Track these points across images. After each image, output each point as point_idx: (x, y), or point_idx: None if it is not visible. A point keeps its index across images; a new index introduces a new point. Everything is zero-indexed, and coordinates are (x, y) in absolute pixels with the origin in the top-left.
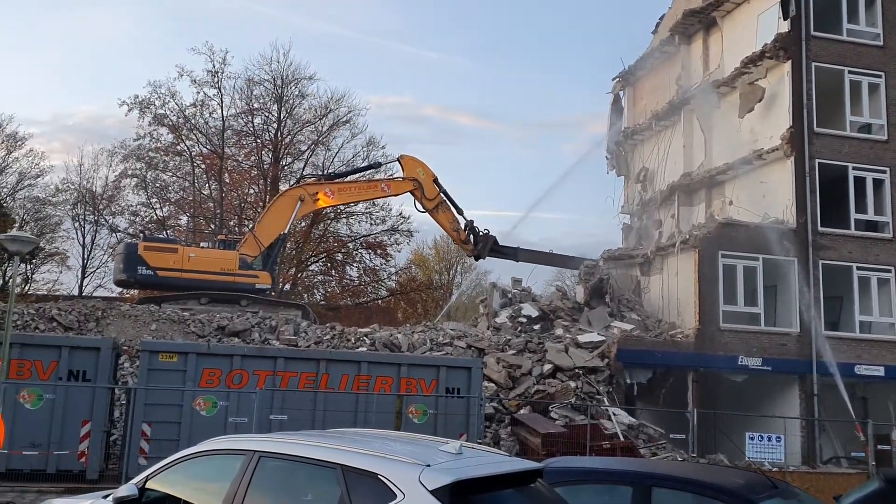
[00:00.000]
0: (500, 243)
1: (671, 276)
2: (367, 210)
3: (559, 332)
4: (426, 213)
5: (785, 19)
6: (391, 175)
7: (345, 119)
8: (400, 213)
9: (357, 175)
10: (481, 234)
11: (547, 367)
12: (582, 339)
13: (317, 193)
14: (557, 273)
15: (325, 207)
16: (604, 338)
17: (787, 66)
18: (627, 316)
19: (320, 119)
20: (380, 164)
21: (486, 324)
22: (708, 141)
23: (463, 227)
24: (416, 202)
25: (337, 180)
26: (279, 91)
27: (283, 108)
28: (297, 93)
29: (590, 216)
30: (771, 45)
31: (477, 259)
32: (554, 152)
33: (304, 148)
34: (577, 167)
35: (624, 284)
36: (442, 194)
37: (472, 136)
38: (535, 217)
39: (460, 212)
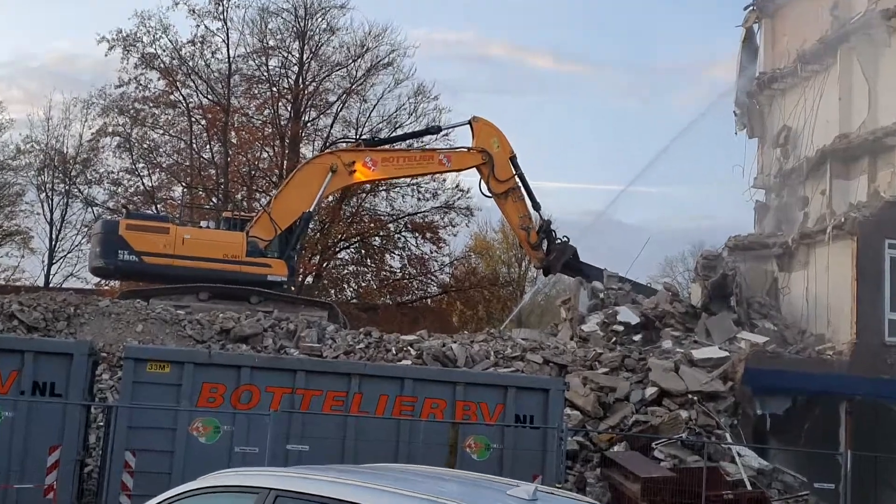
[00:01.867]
0: (581, 259)
1: (819, 273)
2: (414, 181)
3: (667, 344)
4: (492, 198)
5: None
6: (451, 145)
7: (386, 61)
8: (457, 186)
9: (408, 142)
10: (558, 241)
11: (650, 390)
12: (698, 354)
13: (354, 163)
14: (666, 266)
15: (363, 182)
16: (727, 353)
17: None
18: (759, 325)
19: (354, 61)
20: (439, 129)
21: (570, 332)
22: (873, 92)
23: (536, 227)
24: (482, 182)
25: (380, 147)
26: (301, 24)
27: (306, 47)
28: (324, 27)
29: (710, 192)
30: None
31: (546, 273)
32: (662, 106)
33: (332, 99)
34: (694, 126)
35: (755, 283)
36: (517, 178)
37: (552, 83)
38: (636, 192)
39: (537, 206)
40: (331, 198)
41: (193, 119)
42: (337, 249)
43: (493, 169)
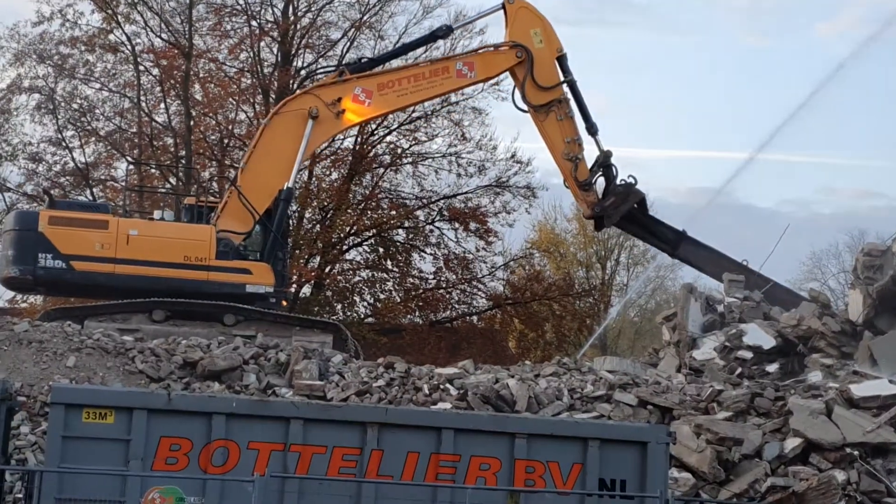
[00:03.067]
0: (651, 213)
1: None
2: (452, 148)
3: (815, 377)
4: (528, 113)
5: None
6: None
7: (445, 30)
8: (513, 156)
9: (413, 56)
10: (621, 182)
11: (792, 442)
12: (859, 390)
13: (339, 101)
14: (812, 266)
15: (358, 124)
16: None
17: None
18: None
19: None
20: (449, 30)
21: (677, 362)
22: None
23: (586, 162)
24: (517, 91)
25: (373, 71)
26: None
27: None
28: None
29: (875, 161)
30: None
31: (598, 227)
32: (803, 41)
33: (336, 36)
34: (849, 67)
35: None
36: (567, 86)
37: (651, 12)
38: (767, 162)
39: (593, 129)
40: (332, 172)
41: (142, 68)
42: (345, 247)
43: (532, 69)
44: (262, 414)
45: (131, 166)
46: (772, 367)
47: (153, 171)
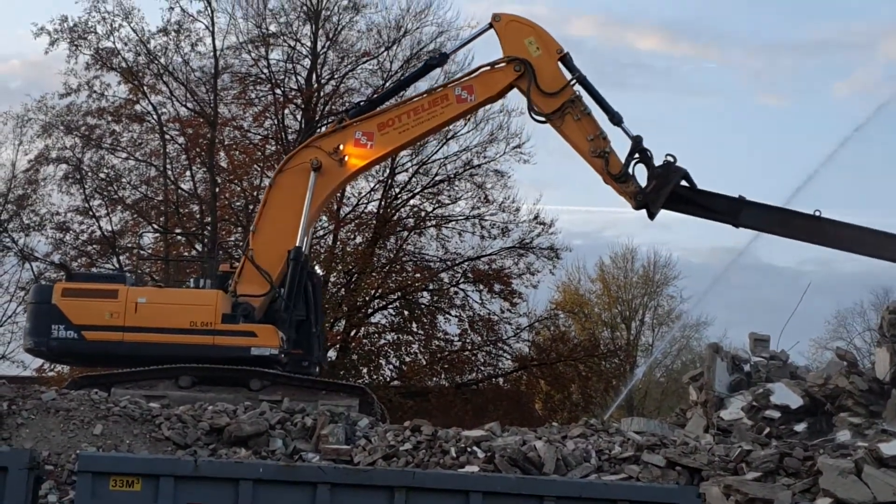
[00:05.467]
0: (699, 187)
1: None
2: (476, 210)
3: (844, 436)
4: (546, 124)
5: None
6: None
7: (430, 48)
8: (536, 216)
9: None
10: (659, 165)
11: (822, 502)
12: (888, 449)
13: (341, 148)
14: (838, 325)
15: (364, 168)
16: None
17: None
18: None
19: (387, 49)
20: (444, 57)
21: (704, 422)
22: None
23: (617, 154)
24: (530, 106)
25: (371, 113)
26: (314, 2)
27: (321, 32)
28: (345, 3)
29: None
30: None
31: (652, 215)
32: (819, 100)
33: (357, 99)
34: (871, 123)
35: None
36: (579, 83)
37: (660, 72)
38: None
39: (616, 119)
40: (355, 236)
41: (168, 137)
42: (370, 311)
43: (534, 78)
44: (289, 479)
45: (146, 235)
46: (800, 427)
47: (179, 238)
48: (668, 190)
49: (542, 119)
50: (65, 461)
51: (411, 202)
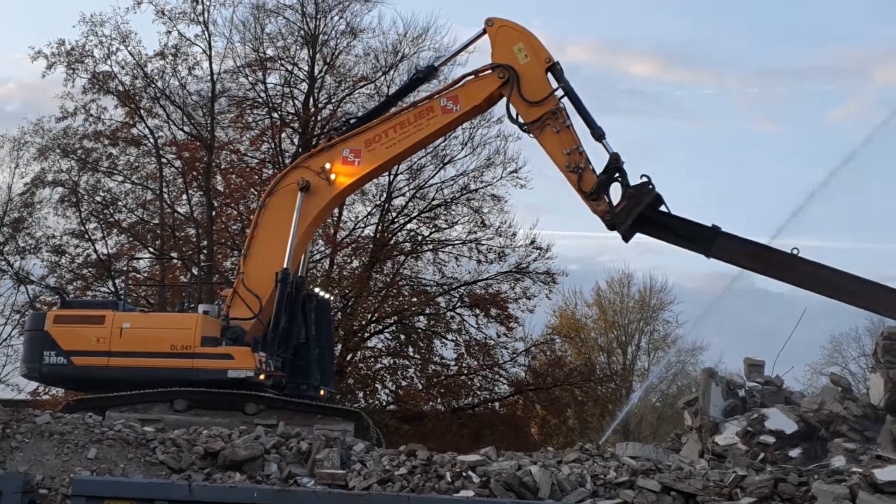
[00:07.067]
0: (672, 212)
1: None
2: (472, 235)
3: (839, 461)
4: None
5: None
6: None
7: (427, 71)
8: (532, 241)
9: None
10: (630, 186)
11: None
12: (882, 475)
13: (328, 166)
14: (833, 350)
15: (354, 187)
16: None
17: None
18: None
19: (385, 73)
20: (432, 69)
21: (699, 447)
22: None
23: (593, 168)
24: (509, 112)
25: (360, 129)
26: (311, 26)
27: (318, 56)
28: (342, 28)
29: (891, 244)
30: None
31: (625, 237)
32: (813, 126)
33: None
34: (864, 151)
35: None
36: (565, 94)
37: (655, 98)
38: (783, 245)
39: (598, 134)
40: (352, 260)
41: (164, 160)
42: (366, 335)
43: (518, 88)
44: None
45: (142, 259)
46: (794, 452)
47: (175, 261)
48: (637, 211)
49: (527, 129)
50: (59, 485)
51: (408, 226)
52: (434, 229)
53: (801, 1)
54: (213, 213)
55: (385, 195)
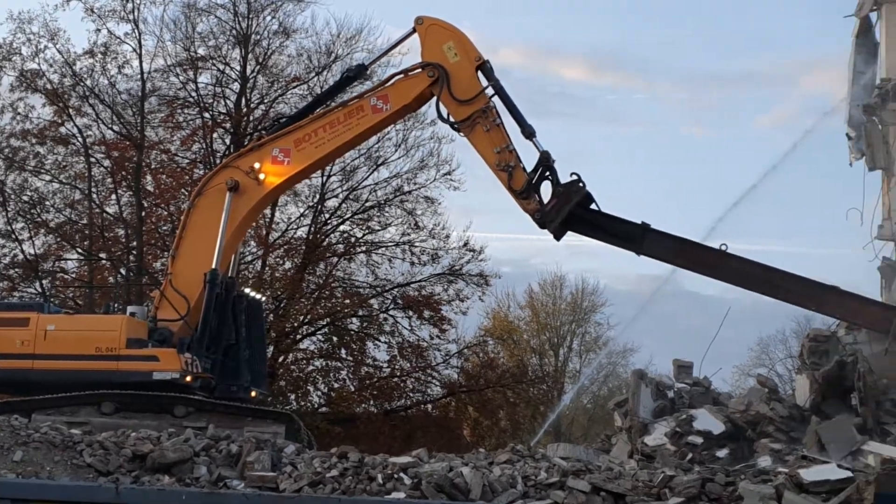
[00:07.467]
0: (601, 209)
1: None
2: (406, 237)
3: (765, 461)
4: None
5: None
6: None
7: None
8: (465, 243)
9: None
10: (560, 184)
11: None
12: (808, 475)
13: (257, 166)
14: (759, 352)
15: (283, 186)
16: (849, 473)
17: None
18: (894, 432)
19: (318, 74)
20: (363, 68)
21: (629, 448)
22: None
23: (523, 167)
24: (438, 111)
25: (290, 128)
26: (243, 26)
27: (250, 56)
28: (275, 28)
29: (815, 248)
30: None
31: (556, 235)
32: (741, 132)
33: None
34: (789, 158)
35: (887, 372)
36: (495, 93)
37: (586, 102)
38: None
39: (528, 132)
40: (284, 261)
41: (93, 160)
42: (298, 336)
43: (448, 86)
44: None
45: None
46: (722, 453)
47: (104, 262)
48: (567, 209)
49: (457, 127)
50: None
51: (341, 228)
52: (367, 231)
53: (731, 9)
54: (143, 213)
55: (318, 196)
